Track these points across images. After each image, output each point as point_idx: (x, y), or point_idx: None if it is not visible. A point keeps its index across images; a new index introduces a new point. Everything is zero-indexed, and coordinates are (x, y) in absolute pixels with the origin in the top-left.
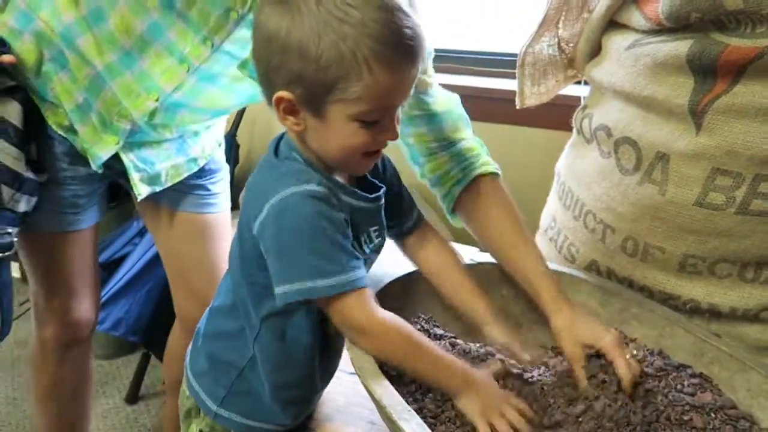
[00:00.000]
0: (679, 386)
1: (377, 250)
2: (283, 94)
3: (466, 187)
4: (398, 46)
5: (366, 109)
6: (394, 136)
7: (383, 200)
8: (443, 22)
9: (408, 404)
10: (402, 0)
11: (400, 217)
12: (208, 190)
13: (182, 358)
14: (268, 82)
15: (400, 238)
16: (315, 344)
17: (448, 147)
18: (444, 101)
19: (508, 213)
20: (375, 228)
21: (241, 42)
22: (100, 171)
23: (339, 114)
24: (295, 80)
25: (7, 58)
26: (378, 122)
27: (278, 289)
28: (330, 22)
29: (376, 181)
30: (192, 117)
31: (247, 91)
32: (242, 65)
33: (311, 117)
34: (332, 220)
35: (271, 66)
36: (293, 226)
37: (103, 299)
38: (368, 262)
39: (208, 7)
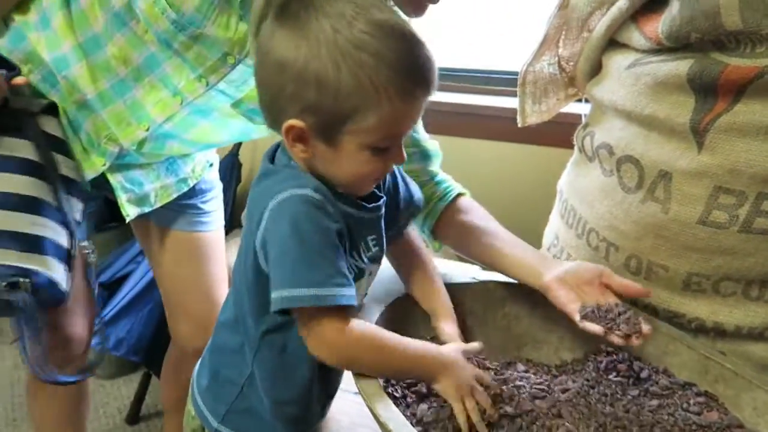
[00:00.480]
0: (685, 405)
1: (376, 260)
2: (294, 122)
3: (448, 204)
4: (416, 76)
5: (380, 137)
6: (402, 160)
7: (383, 210)
8: (446, 41)
9: (413, 426)
10: (412, 28)
11: (393, 224)
12: (200, 209)
13: (178, 378)
14: (276, 108)
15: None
16: (314, 359)
17: (433, 178)
18: (429, 138)
19: (488, 216)
20: (373, 237)
21: (236, 83)
22: (87, 190)
23: (352, 143)
24: (310, 109)
25: (20, 80)
26: (388, 149)
27: (271, 296)
28: (348, 51)
29: (376, 191)
30: (181, 148)
31: (239, 128)
32: (236, 104)
33: (322, 145)
34: (324, 230)
35: (283, 94)
36: (287, 230)
37: (105, 319)
38: (368, 273)
39: (205, 51)
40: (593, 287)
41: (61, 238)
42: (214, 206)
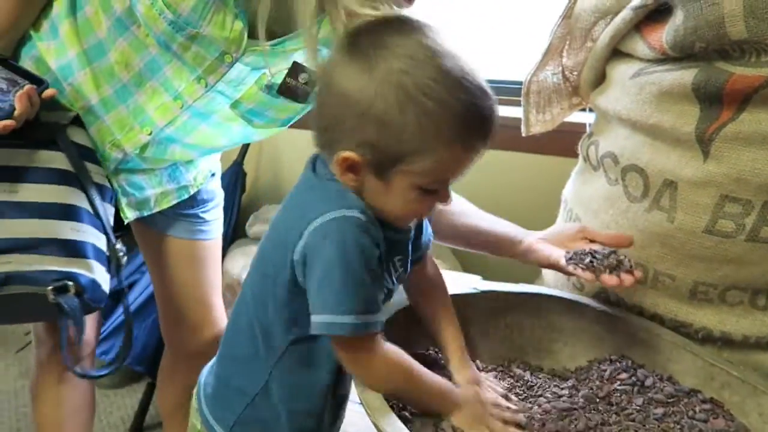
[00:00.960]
0: (691, 412)
1: (401, 280)
2: (349, 155)
3: None
4: (477, 128)
5: (431, 180)
6: (447, 200)
7: (413, 232)
8: None
9: None
10: (481, 77)
11: (416, 249)
12: (201, 218)
13: (173, 383)
14: (331, 135)
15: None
16: (334, 370)
17: None
18: None
19: (465, 202)
20: (400, 258)
21: (234, 83)
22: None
23: (404, 181)
24: (367, 145)
25: (50, 92)
26: (437, 190)
27: (312, 318)
28: (414, 95)
29: None
30: (183, 153)
31: (239, 131)
32: (234, 105)
33: (373, 178)
34: (368, 257)
35: (343, 126)
36: (334, 254)
37: (110, 329)
38: (392, 294)
39: (203, 51)
40: (576, 242)
41: (100, 242)
42: (215, 215)
